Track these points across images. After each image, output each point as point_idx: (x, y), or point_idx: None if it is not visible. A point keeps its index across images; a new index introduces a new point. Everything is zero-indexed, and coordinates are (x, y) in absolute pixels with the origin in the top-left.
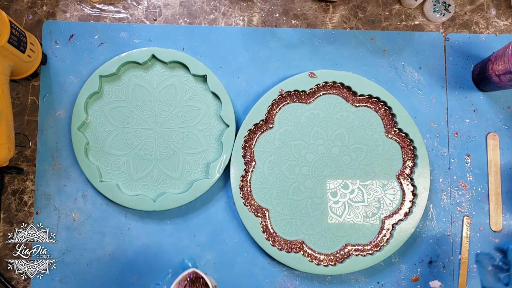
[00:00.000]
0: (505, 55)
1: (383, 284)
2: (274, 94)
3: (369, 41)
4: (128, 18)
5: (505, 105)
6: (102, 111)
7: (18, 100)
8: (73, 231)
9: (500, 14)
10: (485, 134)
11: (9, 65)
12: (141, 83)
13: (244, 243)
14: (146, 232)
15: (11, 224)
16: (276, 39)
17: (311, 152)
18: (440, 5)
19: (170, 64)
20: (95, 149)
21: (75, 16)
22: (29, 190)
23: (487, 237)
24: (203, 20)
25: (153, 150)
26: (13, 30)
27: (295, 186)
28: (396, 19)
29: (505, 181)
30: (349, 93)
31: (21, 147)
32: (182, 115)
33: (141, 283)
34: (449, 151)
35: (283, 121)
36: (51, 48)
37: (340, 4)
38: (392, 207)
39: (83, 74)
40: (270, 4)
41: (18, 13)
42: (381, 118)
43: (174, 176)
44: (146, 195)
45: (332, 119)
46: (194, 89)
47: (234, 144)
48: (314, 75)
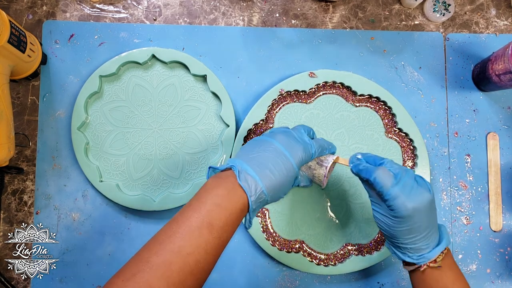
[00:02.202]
0: (505, 55)
1: (383, 284)
2: (274, 94)
3: (369, 41)
4: (128, 18)
5: (505, 105)
6: (102, 111)
7: (18, 100)
8: (73, 231)
9: (500, 14)
10: (485, 134)
11: (9, 65)
12: (141, 83)
13: (244, 243)
14: (146, 232)
15: (11, 224)
16: (276, 39)
17: None
18: (440, 5)
19: (170, 64)
20: (95, 149)
21: (75, 16)
22: (29, 190)
23: (487, 237)
24: (203, 20)
25: (153, 150)
26: (13, 30)
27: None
28: (396, 19)
29: (505, 181)
30: (349, 93)
31: (21, 147)
32: (182, 115)
33: None
34: (449, 151)
35: (283, 121)
36: (51, 48)
37: (340, 4)
38: None
39: (83, 74)
40: (270, 4)
41: (18, 13)
42: (381, 118)
43: (174, 176)
44: (146, 195)
45: (332, 119)
46: (194, 89)
47: (234, 144)
48: (314, 75)
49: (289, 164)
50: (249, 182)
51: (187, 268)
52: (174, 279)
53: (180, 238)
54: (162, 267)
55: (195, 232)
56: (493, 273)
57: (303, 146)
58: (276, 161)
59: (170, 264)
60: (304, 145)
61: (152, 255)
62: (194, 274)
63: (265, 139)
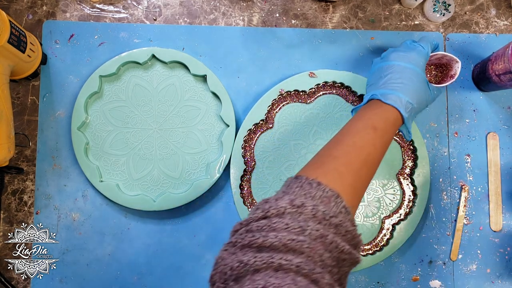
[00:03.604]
0: (505, 55)
1: (383, 284)
2: (274, 94)
3: (369, 41)
4: (128, 18)
5: (505, 105)
6: (102, 111)
7: (18, 100)
8: (73, 231)
9: (500, 14)
10: (485, 134)
11: (9, 65)
12: (141, 83)
13: None
14: (146, 232)
15: (11, 224)
16: (276, 39)
17: (311, 152)
18: (440, 5)
19: (170, 64)
20: (95, 149)
21: (75, 16)
22: (29, 190)
23: (487, 237)
24: (203, 20)
25: (153, 150)
26: (13, 30)
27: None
28: (396, 19)
29: (505, 181)
30: (349, 93)
31: (21, 147)
32: (182, 115)
33: (141, 283)
34: (449, 151)
35: (283, 121)
36: (51, 48)
37: (340, 4)
38: (392, 207)
39: (83, 74)
40: (270, 4)
41: (18, 13)
42: None
43: (174, 176)
44: (146, 195)
45: (332, 118)
46: (194, 89)
47: (234, 144)
48: (314, 75)
49: (413, 71)
50: (393, 98)
51: (362, 158)
52: (353, 166)
53: (351, 136)
54: (343, 157)
55: (362, 132)
56: (493, 273)
57: (415, 51)
58: (402, 75)
59: (349, 154)
60: (416, 49)
61: (332, 151)
62: (366, 165)
63: (382, 65)
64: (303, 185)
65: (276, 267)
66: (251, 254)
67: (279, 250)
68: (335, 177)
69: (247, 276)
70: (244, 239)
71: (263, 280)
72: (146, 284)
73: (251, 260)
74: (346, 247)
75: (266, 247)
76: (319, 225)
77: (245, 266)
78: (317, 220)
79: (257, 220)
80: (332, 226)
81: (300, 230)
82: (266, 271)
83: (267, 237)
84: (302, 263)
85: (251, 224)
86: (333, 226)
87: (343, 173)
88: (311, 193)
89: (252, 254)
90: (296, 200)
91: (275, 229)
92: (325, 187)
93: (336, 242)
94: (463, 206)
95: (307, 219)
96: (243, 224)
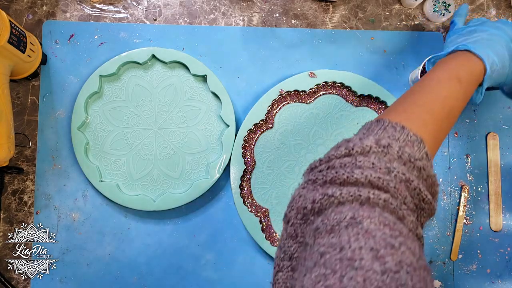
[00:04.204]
0: None
1: None
2: (274, 94)
3: (369, 41)
4: (128, 18)
5: (505, 105)
6: (102, 111)
7: (18, 100)
8: (73, 231)
9: (500, 14)
10: (485, 134)
11: (9, 65)
12: (141, 83)
13: (244, 243)
14: (146, 232)
15: (11, 224)
16: (276, 39)
17: (311, 152)
18: (440, 5)
19: (170, 64)
20: (95, 149)
21: (75, 16)
22: (29, 190)
23: (487, 237)
24: (203, 20)
25: (153, 150)
26: (13, 30)
27: (295, 186)
28: (396, 19)
29: (505, 181)
30: (349, 93)
31: (21, 147)
32: (182, 115)
33: (141, 283)
34: (449, 151)
35: (282, 121)
36: (51, 48)
37: (340, 4)
38: None
39: (83, 74)
40: (270, 4)
41: (18, 13)
42: None
43: (174, 176)
44: (146, 195)
45: (332, 119)
46: (194, 89)
47: (234, 144)
48: (314, 75)
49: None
50: (483, 52)
51: (446, 109)
52: (437, 116)
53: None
54: (428, 104)
55: (447, 83)
56: (493, 273)
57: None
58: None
59: (433, 103)
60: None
61: (415, 99)
62: (449, 117)
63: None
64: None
65: (362, 201)
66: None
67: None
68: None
69: (330, 208)
70: (326, 175)
71: (351, 212)
72: (146, 284)
73: (336, 192)
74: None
75: (351, 183)
76: (404, 167)
77: (330, 198)
78: (402, 162)
79: (339, 157)
80: (415, 169)
81: (386, 171)
82: (351, 204)
83: (352, 173)
84: (389, 199)
85: (333, 161)
86: (417, 169)
87: (427, 121)
88: (395, 136)
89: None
90: (382, 141)
91: (361, 167)
92: (409, 132)
93: (420, 188)
94: (463, 206)
95: (392, 160)
96: (323, 161)
